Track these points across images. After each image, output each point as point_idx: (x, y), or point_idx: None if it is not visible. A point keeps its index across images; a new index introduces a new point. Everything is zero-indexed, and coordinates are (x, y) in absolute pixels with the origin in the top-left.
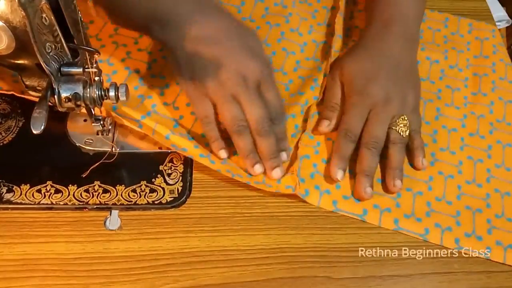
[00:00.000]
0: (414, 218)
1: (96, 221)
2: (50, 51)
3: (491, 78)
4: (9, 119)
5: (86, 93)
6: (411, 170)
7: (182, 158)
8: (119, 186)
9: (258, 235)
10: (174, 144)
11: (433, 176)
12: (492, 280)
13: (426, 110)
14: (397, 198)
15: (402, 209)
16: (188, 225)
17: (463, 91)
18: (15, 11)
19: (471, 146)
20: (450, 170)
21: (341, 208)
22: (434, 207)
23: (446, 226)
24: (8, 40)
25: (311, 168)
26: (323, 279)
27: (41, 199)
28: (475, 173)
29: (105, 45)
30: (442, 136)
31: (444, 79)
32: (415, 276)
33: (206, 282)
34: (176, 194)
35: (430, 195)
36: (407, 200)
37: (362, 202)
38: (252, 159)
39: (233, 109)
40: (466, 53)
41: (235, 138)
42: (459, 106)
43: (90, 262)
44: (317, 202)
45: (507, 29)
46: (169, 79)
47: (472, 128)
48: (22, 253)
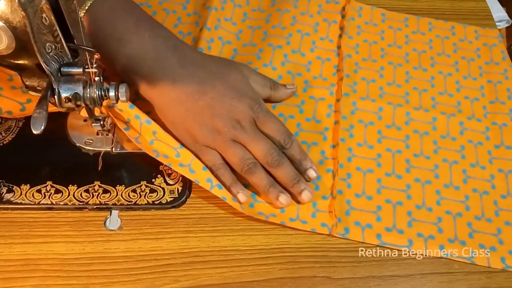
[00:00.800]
0: (396, 231)
1: (96, 221)
2: (50, 51)
3: (506, 85)
4: (9, 119)
5: (86, 93)
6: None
7: None
8: (119, 186)
9: (258, 235)
10: (155, 150)
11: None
12: (492, 280)
13: (450, 125)
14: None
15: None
16: (188, 225)
17: (482, 100)
18: (15, 11)
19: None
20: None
21: (386, 242)
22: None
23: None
24: (8, 40)
25: (345, 205)
26: (323, 279)
27: (41, 199)
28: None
29: None
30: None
31: (462, 90)
32: (415, 276)
33: (206, 282)
34: (176, 194)
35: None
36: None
37: (405, 233)
38: (273, 192)
39: (238, 151)
40: (477, 60)
41: (249, 178)
42: (480, 119)
43: (90, 262)
44: (361, 238)
45: (507, 29)
46: None
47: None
48: (22, 253)
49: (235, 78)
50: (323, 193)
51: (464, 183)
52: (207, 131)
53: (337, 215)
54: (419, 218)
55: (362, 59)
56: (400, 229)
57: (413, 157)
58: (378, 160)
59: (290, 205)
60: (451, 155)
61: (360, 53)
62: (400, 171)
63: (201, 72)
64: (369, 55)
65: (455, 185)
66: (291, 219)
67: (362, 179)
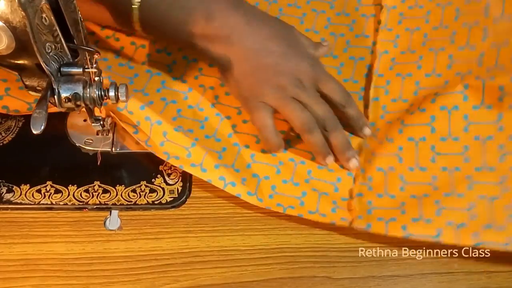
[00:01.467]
0: (424, 221)
1: (96, 221)
2: (50, 51)
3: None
4: (9, 119)
5: (86, 93)
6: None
7: None
8: (119, 186)
9: (258, 235)
10: (166, 152)
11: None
12: (492, 280)
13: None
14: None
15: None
16: (188, 225)
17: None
18: (15, 11)
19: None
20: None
21: (413, 233)
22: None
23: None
24: (8, 40)
25: (366, 205)
26: (322, 279)
27: (41, 199)
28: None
29: (123, 47)
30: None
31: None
32: (415, 276)
33: (206, 282)
34: (176, 194)
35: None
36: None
37: (434, 222)
38: (324, 152)
39: (298, 109)
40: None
41: (306, 137)
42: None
43: (90, 262)
44: (385, 231)
45: None
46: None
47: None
48: (22, 253)
49: (295, 38)
50: (342, 195)
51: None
52: (269, 88)
53: (358, 213)
54: (449, 205)
55: (400, 53)
56: (428, 218)
57: (440, 142)
58: (399, 154)
59: (310, 198)
60: (485, 130)
61: (399, 46)
62: (424, 163)
63: (266, 29)
64: (409, 46)
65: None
66: (310, 211)
67: (384, 178)
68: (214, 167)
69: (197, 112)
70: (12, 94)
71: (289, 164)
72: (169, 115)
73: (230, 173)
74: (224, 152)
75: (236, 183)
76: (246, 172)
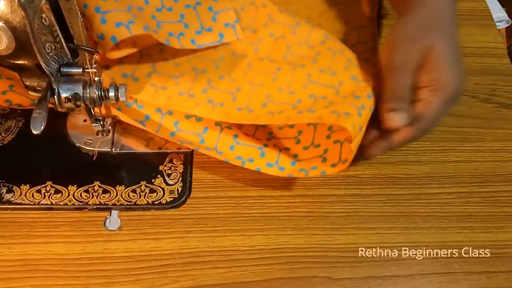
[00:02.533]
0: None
1: (96, 221)
2: (50, 52)
3: None
4: (9, 119)
5: (86, 93)
6: None
7: (182, 159)
8: (119, 186)
9: (257, 236)
10: (178, 139)
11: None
12: (492, 280)
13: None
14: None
15: None
16: (188, 225)
17: None
18: (15, 11)
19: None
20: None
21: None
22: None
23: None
24: (8, 40)
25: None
26: (322, 279)
27: (41, 199)
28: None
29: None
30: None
31: None
32: (415, 276)
33: (205, 282)
34: (176, 195)
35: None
36: None
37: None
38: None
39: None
40: None
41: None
42: None
43: (90, 263)
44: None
45: (507, 29)
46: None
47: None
48: (22, 253)
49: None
50: None
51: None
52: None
53: None
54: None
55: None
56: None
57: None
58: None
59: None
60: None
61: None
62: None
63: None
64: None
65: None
66: (268, 164)
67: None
68: (229, 149)
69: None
70: (16, 91)
71: None
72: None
73: (247, 150)
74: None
75: (253, 160)
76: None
